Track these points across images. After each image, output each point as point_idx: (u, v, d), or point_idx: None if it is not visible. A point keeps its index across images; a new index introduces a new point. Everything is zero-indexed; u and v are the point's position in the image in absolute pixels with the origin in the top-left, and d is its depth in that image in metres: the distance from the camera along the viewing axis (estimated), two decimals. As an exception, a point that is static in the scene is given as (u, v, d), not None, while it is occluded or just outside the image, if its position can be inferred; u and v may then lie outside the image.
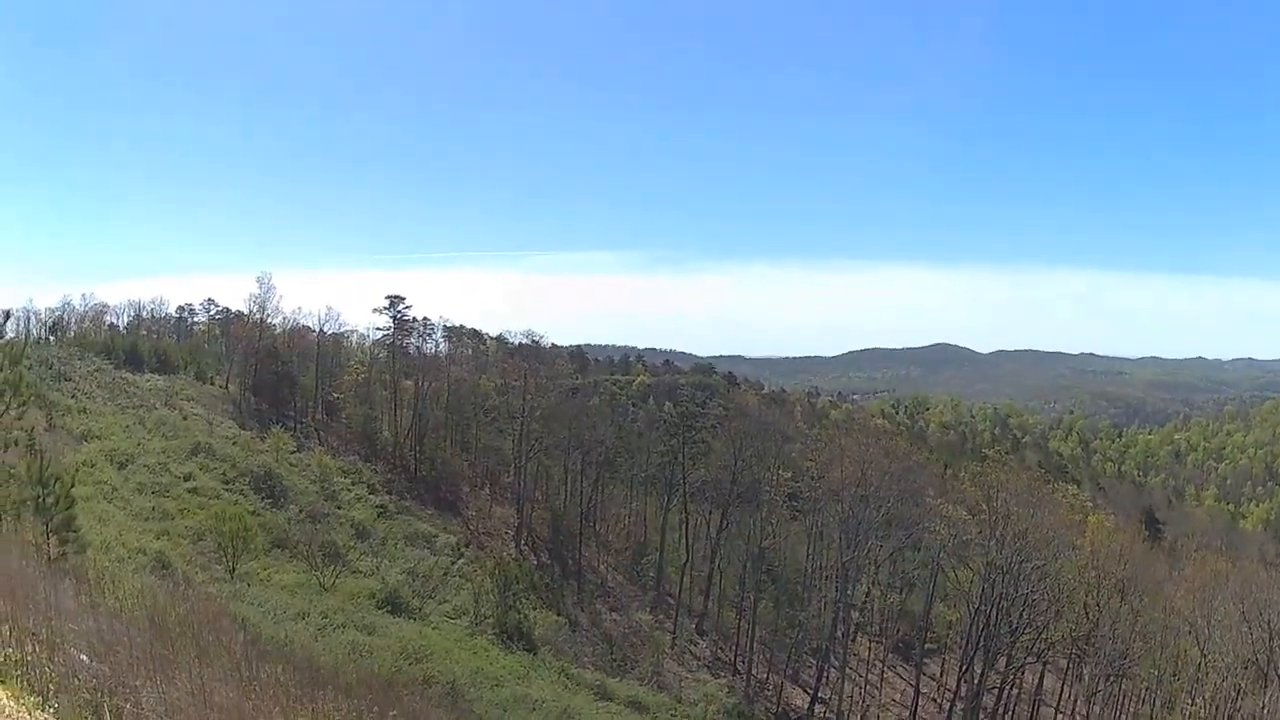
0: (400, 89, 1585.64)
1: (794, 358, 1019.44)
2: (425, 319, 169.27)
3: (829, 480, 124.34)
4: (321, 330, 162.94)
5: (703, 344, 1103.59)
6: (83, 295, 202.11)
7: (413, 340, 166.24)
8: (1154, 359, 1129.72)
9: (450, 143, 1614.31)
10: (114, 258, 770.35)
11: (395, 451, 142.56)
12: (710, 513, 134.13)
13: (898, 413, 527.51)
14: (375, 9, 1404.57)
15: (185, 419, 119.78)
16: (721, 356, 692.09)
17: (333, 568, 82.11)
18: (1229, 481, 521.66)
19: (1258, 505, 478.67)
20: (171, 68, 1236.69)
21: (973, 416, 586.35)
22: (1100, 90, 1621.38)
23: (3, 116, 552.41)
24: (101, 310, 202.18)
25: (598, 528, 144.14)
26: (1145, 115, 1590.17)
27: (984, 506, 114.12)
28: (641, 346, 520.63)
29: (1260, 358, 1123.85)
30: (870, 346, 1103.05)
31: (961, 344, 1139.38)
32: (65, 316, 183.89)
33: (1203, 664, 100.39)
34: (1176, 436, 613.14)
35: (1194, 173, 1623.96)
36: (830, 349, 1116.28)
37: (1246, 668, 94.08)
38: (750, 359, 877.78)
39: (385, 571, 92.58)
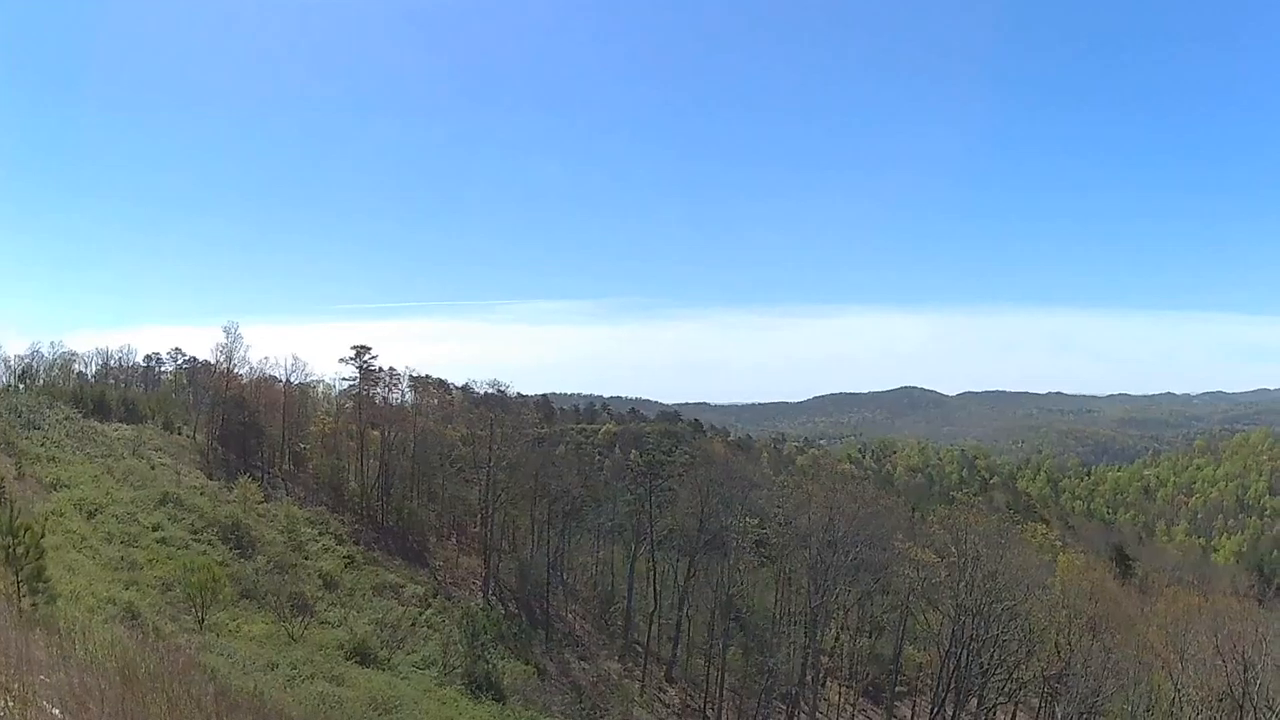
0: (365, 140, 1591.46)
1: (760, 404, 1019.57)
2: (391, 369, 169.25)
3: (796, 526, 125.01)
4: (288, 380, 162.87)
5: (668, 391, 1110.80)
6: (51, 343, 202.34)
7: (379, 390, 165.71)
8: (1122, 396, 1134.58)
9: (415, 193, 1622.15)
10: (81, 307, 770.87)
11: (362, 502, 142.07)
12: (677, 560, 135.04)
13: (864, 457, 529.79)
14: (342, 63, 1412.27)
15: (153, 468, 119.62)
16: (687, 403, 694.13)
17: (301, 618, 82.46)
18: (1200, 515, 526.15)
19: (1229, 538, 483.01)
20: (138, 119, 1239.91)
21: (940, 459, 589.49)
22: (1064, 130, 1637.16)
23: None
24: (70, 359, 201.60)
25: (565, 577, 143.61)
26: (1111, 155, 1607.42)
27: (952, 549, 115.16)
28: (607, 395, 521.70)
29: (1229, 391, 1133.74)
30: (836, 391, 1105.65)
31: (928, 386, 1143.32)
32: (34, 364, 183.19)
33: (1177, 699, 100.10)
34: (1146, 472, 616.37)
35: (1161, 210, 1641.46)
36: (796, 394, 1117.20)
37: (1221, 701, 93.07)
38: (716, 405, 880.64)
39: (353, 622, 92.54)
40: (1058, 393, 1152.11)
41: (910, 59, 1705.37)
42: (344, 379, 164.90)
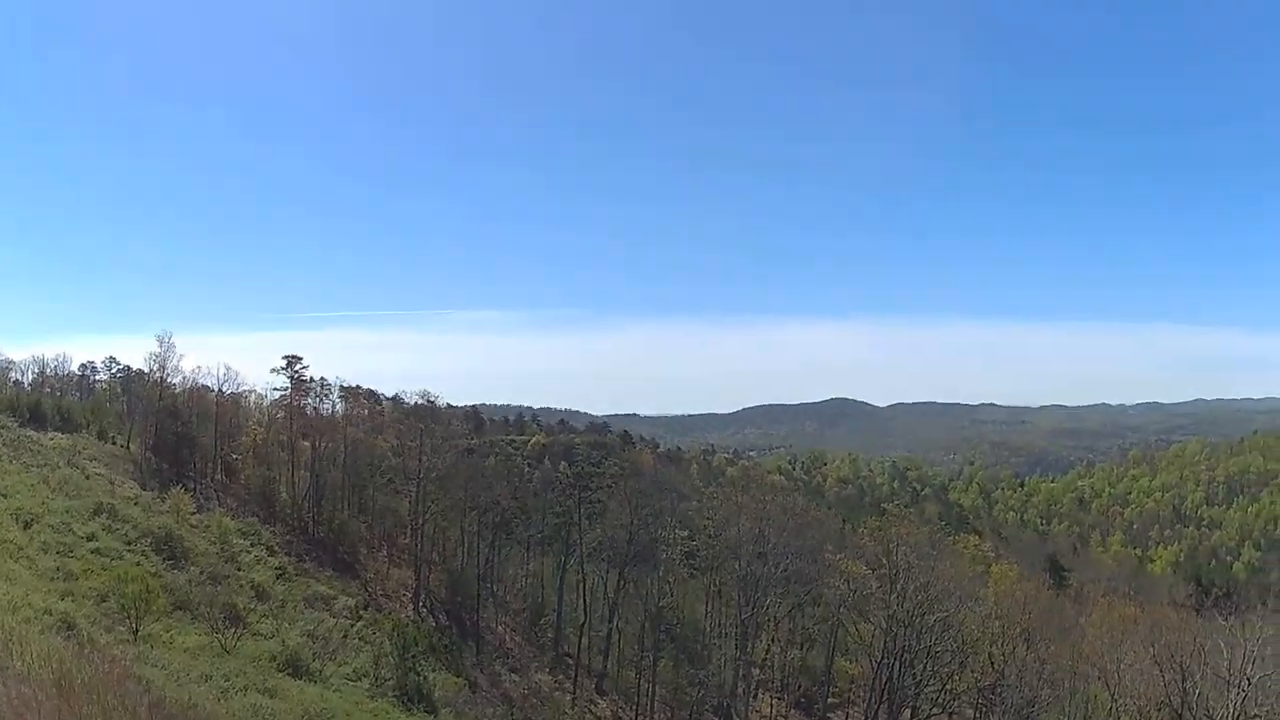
0: (292, 151, 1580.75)
1: (689, 415, 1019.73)
2: (322, 379, 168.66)
3: (726, 538, 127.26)
4: (220, 390, 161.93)
5: (598, 403, 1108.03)
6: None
7: (310, 400, 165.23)
8: (1056, 407, 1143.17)
9: (345, 202, 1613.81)
10: (18, 316, 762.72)
11: (293, 513, 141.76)
12: (607, 572, 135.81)
13: (795, 469, 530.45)
14: (266, 75, 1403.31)
15: (88, 478, 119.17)
16: (617, 415, 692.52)
17: (234, 630, 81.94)
18: (1135, 526, 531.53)
19: (1166, 548, 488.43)
20: (71, 131, 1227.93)
21: (871, 470, 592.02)
22: (995, 141, 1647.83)
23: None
24: (6, 367, 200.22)
25: (495, 589, 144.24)
26: (1044, 168, 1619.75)
27: (883, 560, 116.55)
28: (536, 406, 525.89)
29: (1166, 402, 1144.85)
30: (766, 403, 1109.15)
31: (859, 398, 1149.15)
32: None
33: (1114, 708, 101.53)
34: (1080, 483, 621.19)
35: (1095, 223, 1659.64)
36: (726, 406, 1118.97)
37: (1160, 709, 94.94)
38: (645, 417, 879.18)
39: (285, 634, 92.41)
40: (990, 404, 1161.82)
41: (847, 67, 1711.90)
42: (275, 389, 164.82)
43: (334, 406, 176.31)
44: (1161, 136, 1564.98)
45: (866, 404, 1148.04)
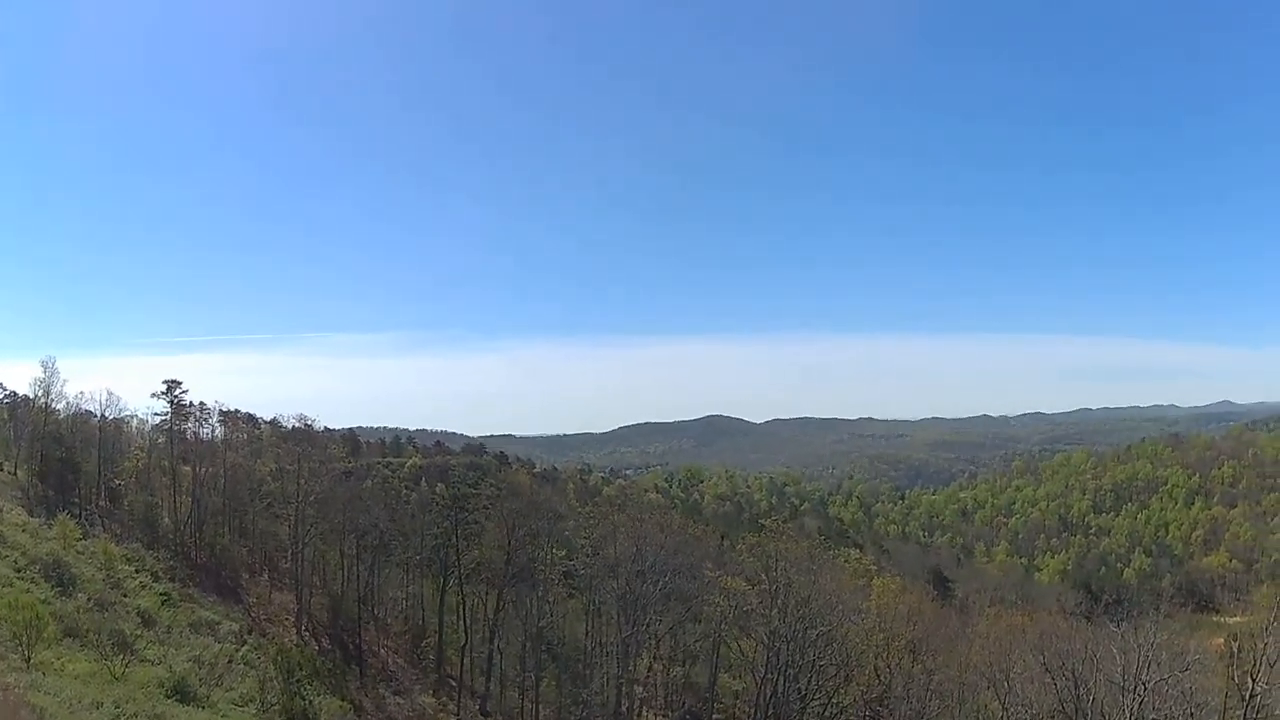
0: (170, 175, 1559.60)
1: (565, 435, 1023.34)
2: (201, 404, 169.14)
3: (604, 557, 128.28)
4: (103, 415, 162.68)
5: (474, 424, 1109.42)
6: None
7: (190, 425, 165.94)
8: (936, 419, 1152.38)
9: (222, 224, 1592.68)
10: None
11: (176, 538, 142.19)
12: (487, 593, 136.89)
13: (671, 486, 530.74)
14: (137, 98, 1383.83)
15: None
16: (492, 436, 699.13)
17: (122, 656, 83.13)
18: (1021, 535, 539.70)
19: (1053, 557, 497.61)
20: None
21: (748, 486, 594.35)
22: (872, 152, 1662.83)
23: None
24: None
25: (376, 612, 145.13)
26: (922, 177, 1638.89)
27: (763, 576, 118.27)
28: (413, 428, 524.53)
29: (1049, 412, 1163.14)
30: (642, 421, 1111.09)
31: (734, 415, 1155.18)
32: None
33: (1004, 717, 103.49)
34: (962, 495, 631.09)
35: (973, 232, 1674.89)
36: (601, 425, 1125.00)
37: (1054, 717, 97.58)
38: (521, 438, 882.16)
39: (172, 660, 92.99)
40: (868, 418, 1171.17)
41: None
42: (156, 414, 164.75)
43: (214, 431, 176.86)
44: (1037, 142, 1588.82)
45: (743, 420, 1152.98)
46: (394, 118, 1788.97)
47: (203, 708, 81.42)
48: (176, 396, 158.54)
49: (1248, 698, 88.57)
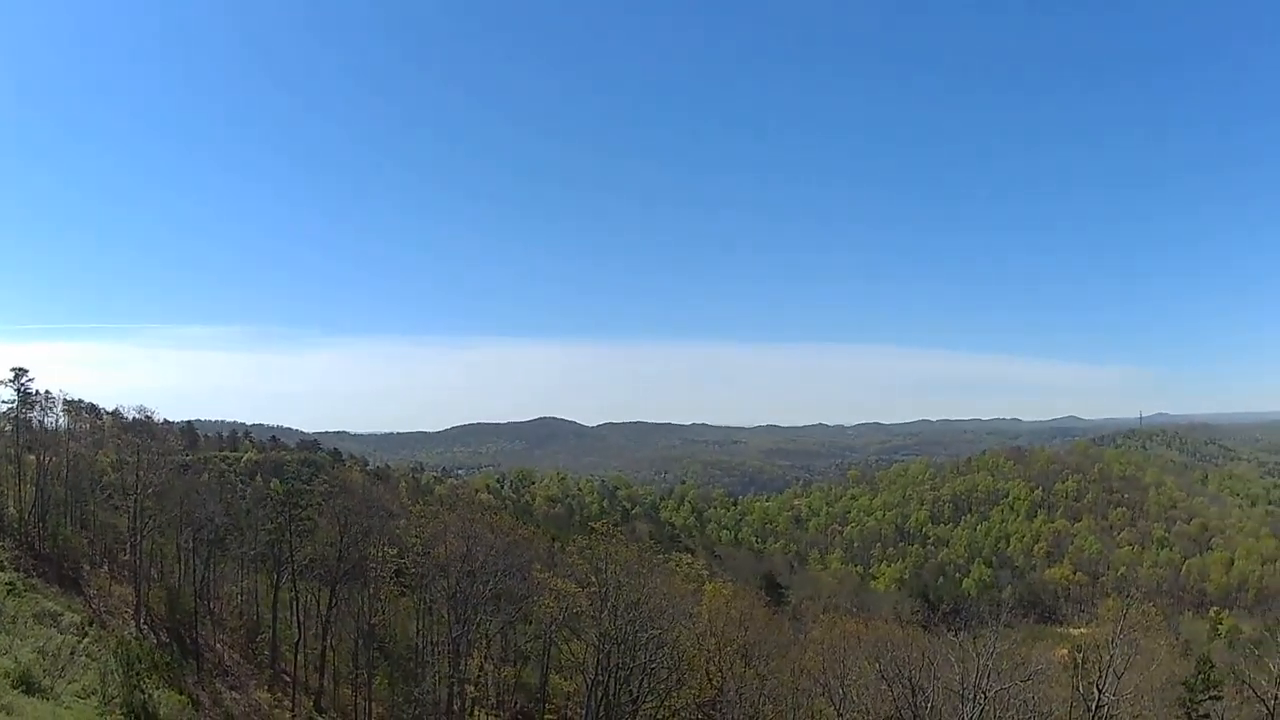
0: (20, 159, 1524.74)
1: (399, 433, 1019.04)
2: (47, 393, 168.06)
3: (435, 556, 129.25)
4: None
5: (309, 420, 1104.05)
6: None
7: (35, 414, 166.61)
8: (771, 427, 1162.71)
9: (77, 214, 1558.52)
10: None
11: (20, 528, 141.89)
12: (320, 590, 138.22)
13: (503, 487, 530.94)
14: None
15: None
16: (327, 432, 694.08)
17: None
18: (856, 544, 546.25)
19: (889, 565, 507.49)
20: None
21: (580, 489, 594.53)
22: (715, 158, 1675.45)
23: None
24: None
25: (212, 606, 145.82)
26: (758, 185, 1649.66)
27: (593, 579, 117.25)
28: (250, 422, 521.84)
29: (887, 422, 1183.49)
30: (474, 421, 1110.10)
31: (567, 417, 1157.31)
32: None
33: None
34: (796, 502, 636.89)
35: (812, 244, 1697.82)
36: (434, 424, 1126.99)
37: None
38: (355, 435, 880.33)
39: (18, 650, 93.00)
40: (702, 424, 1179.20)
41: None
42: (2, 401, 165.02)
43: (58, 420, 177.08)
44: (877, 158, 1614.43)
45: (575, 423, 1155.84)
46: (234, 112, 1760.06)
47: (47, 699, 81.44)
48: (23, 384, 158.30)
49: (1094, 708, 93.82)
